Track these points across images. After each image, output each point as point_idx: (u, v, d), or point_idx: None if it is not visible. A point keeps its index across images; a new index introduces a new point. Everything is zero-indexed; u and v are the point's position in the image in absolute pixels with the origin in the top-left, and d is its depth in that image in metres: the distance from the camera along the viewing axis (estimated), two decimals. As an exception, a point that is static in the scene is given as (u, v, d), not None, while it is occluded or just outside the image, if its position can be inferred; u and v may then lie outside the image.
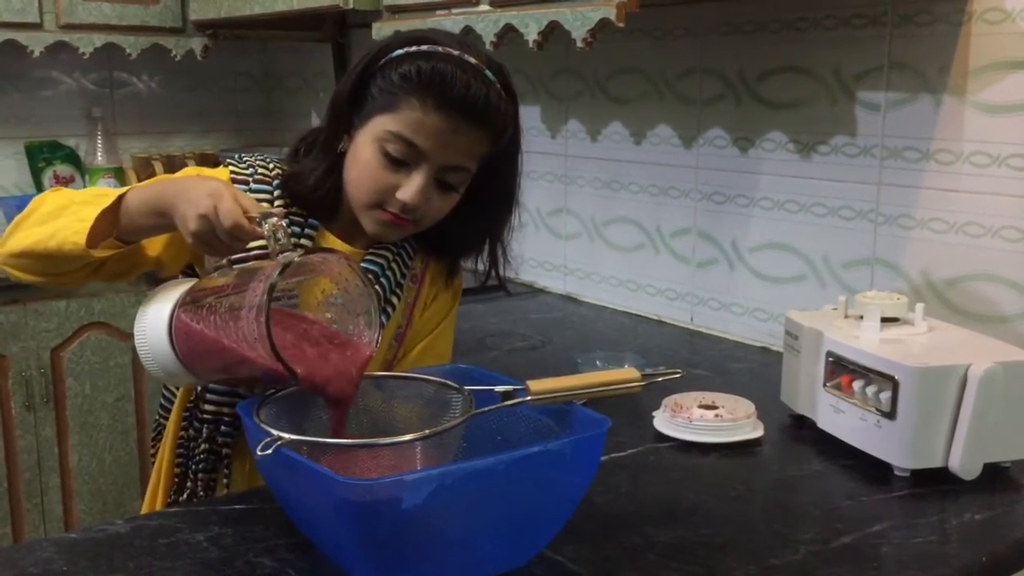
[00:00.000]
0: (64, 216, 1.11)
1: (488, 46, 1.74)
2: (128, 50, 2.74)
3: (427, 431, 0.94)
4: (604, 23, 1.50)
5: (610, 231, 2.10)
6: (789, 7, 1.69)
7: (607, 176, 2.09)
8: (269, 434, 0.87)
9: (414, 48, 1.16)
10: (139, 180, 2.88)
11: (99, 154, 2.90)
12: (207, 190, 1.03)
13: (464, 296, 2.30)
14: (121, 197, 1.10)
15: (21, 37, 2.58)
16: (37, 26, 2.61)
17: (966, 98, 1.48)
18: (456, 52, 1.15)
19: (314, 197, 1.22)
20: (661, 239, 1.98)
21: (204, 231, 1.01)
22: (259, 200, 1.16)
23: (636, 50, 1.98)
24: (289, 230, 1.09)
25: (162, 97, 3.06)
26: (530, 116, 2.26)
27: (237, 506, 1.10)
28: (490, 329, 1.94)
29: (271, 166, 1.24)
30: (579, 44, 1.55)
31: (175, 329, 1.03)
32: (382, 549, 0.86)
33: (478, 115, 1.14)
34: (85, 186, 2.89)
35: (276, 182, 1.22)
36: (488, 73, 1.16)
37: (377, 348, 1.06)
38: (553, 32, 1.63)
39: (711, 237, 1.89)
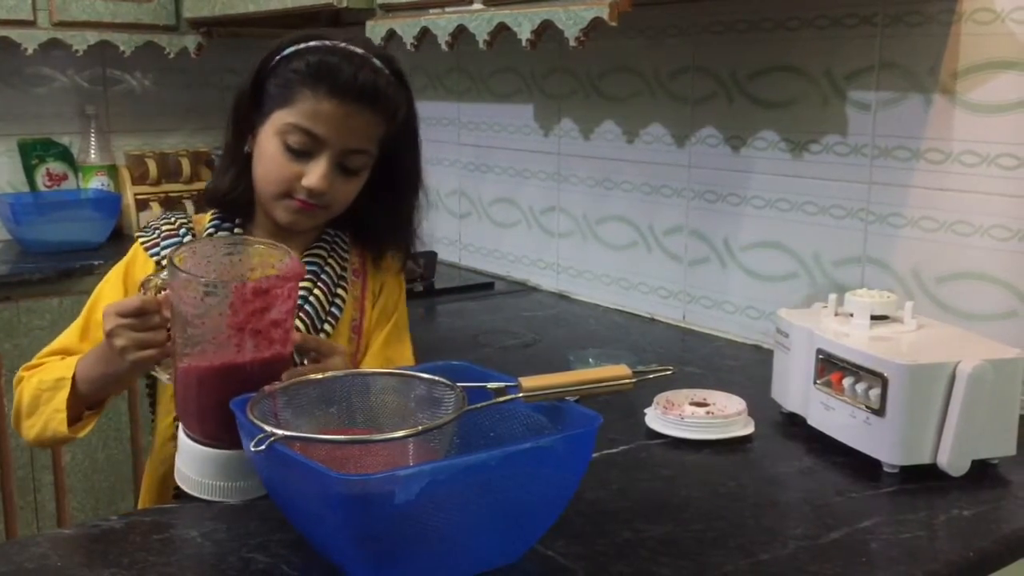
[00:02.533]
0: (41, 409, 1.21)
1: (481, 44, 1.75)
2: (122, 48, 2.73)
3: (420, 427, 0.95)
4: (597, 22, 1.51)
5: (603, 229, 2.10)
6: (781, 7, 1.70)
7: (600, 174, 2.09)
8: (262, 430, 0.88)
9: (303, 44, 1.24)
10: (132, 178, 2.87)
11: (92, 152, 2.90)
12: (104, 331, 1.12)
13: (456, 294, 2.32)
14: (73, 378, 1.19)
15: (14, 34, 2.58)
16: (30, 23, 2.60)
17: (956, 98, 1.49)
18: (342, 45, 1.24)
19: (230, 199, 1.30)
20: (653, 237, 1.99)
21: (131, 344, 1.10)
22: (173, 248, 1.23)
23: (629, 49, 1.98)
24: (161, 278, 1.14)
25: (156, 95, 3.05)
26: (523, 115, 2.26)
27: (231, 502, 1.10)
28: (483, 327, 1.95)
29: (173, 219, 1.32)
30: (572, 43, 1.55)
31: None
32: (375, 544, 0.86)
33: (368, 98, 1.22)
34: (78, 183, 2.89)
35: (182, 231, 1.30)
36: (376, 61, 1.24)
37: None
38: (546, 31, 1.63)
39: (703, 235, 1.89)
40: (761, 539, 1.03)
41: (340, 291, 1.32)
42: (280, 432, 0.88)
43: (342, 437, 0.97)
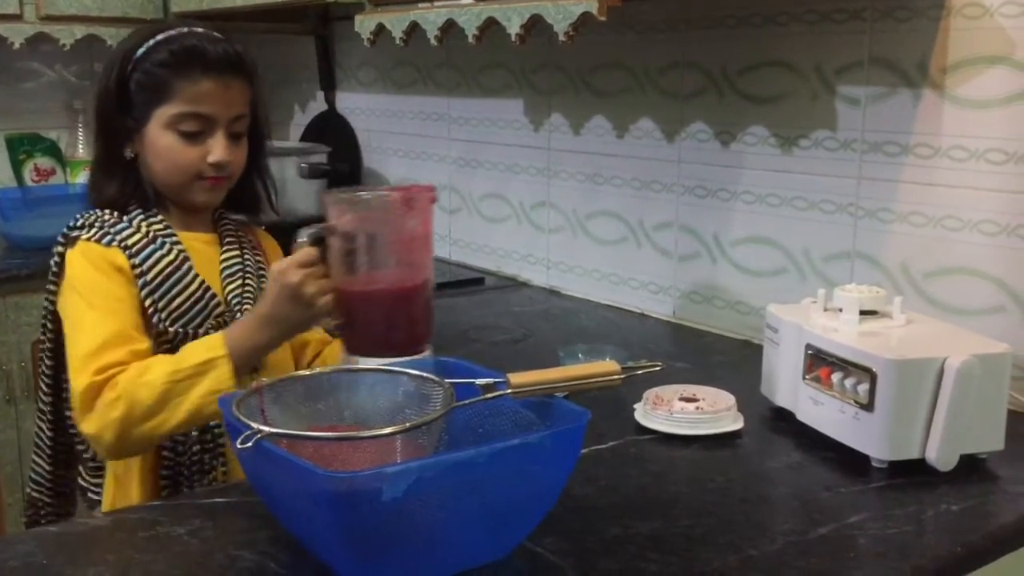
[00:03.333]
0: (177, 400, 1.18)
1: (471, 39, 1.74)
2: (109, 42, 2.72)
3: (408, 424, 0.95)
4: (586, 17, 1.50)
5: (593, 224, 2.10)
6: (770, 2, 1.70)
7: (590, 170, 2.09)
8: (249, 427, 0.87)
9: (152, 41, 1.30)
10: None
11: (80, 146, 2.88)
12: (290, 286, 1.18)
13: (446, 289, 2.31)
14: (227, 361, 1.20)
15: (0, 28, 2.56)
16: (17, 17, 2.59)
17: (945, 93, 1.49)
18: (187, 29, 1.31)
19: (123, 204, 1.34)
20: (644, 232, 1.99)
21: (319, 290, 1.18)
22: (127, 230, 1.30)
23: (618, 44, 1.98)
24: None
25: (144, 89, 3.04)
26: (512, 109, 2.26)
27: (218, 500, 1.10)
28: (472, 322, 1.94)
29: (98, 212, 1.33)
30: (561, 38, 1.55)
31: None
32: (363, 542, 0.86)
33: (235, 66, 1.31)
34: (66, 178, 2.87)
35: (124, 219, 1.32)
36: (216, 34, 1.32)
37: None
38: (535, 26, 1.63)
39: (693, 231, 1.89)
40: (750, 535, 1.03)
41: (262, 271, 1.40)
42: (267, 429, 0.88)
43: (329, 434, 0.97)
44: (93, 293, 1.26)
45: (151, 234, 1.32)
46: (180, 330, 1.29)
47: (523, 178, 2.26)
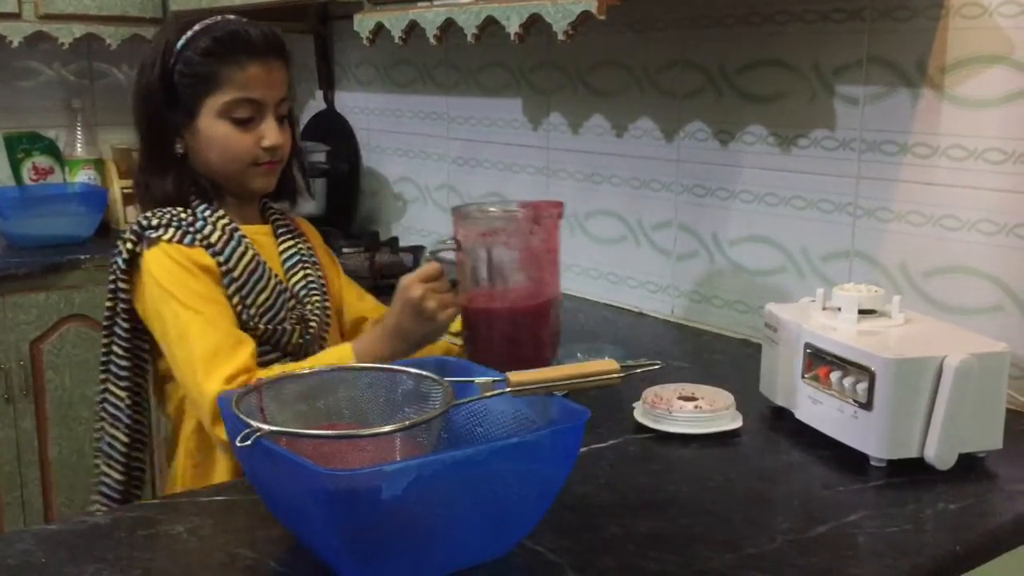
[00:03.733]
0: None
1: (470, 38, 1.74)
2: (108, 40, 2.72)
3: (407, 422, 0.95)
4: (585, 16, 1.50)
5: (591, 223, 2.10)
6: (769, 1, 1.70)
7: (588, 169, 2.09)
8: (248, 425, 0.87)
9: (190, 32, 1.31)
10: (119, 172, 2.85)
11: (79, 145, 2.88)
12: (413, 300, 1.23)
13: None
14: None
15: (-1, 27, 2.56)
16: (15, 16, 2.59)
17: (944, 92, 1.49)
18: (220, 17, 1.33)
19: (183, 200, 1.33)
20: (642, 231, 1.99)
21: (440, 304, 1.23)
22: (208, 227, 1.30)
23: (617, 43, 1.98)
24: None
25: (142, 88, 3.04)
26: (511, 109, 2.26)
27: (217, 498, 1.10)
28: (472, 321, 1.94)
29: (171, 210, 1.33)
30: (560, 37, 1.55)
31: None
32: (362, 540, 0.86)
33: (276, 49, 1.34)
34: (64, 177, 2.87)
35: (192, 217, 1.32)
36: (253, 22, 1.34)
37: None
38: (534, 25, 1.63)
39: (692, 230, 1.89)
40: (748, 533, 1.03)
41: (315, 259, 1.44)
42: (266, 427, 0.88)
43: (328, 432, 0.97)
44: (189, 296, 1.26)
45: (226, 230, 1.32)
46: (268, 327, 1.30)
47: (522, 177, 2.26)
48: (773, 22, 1.70)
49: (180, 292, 1.26)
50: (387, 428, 0.94)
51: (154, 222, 1.31)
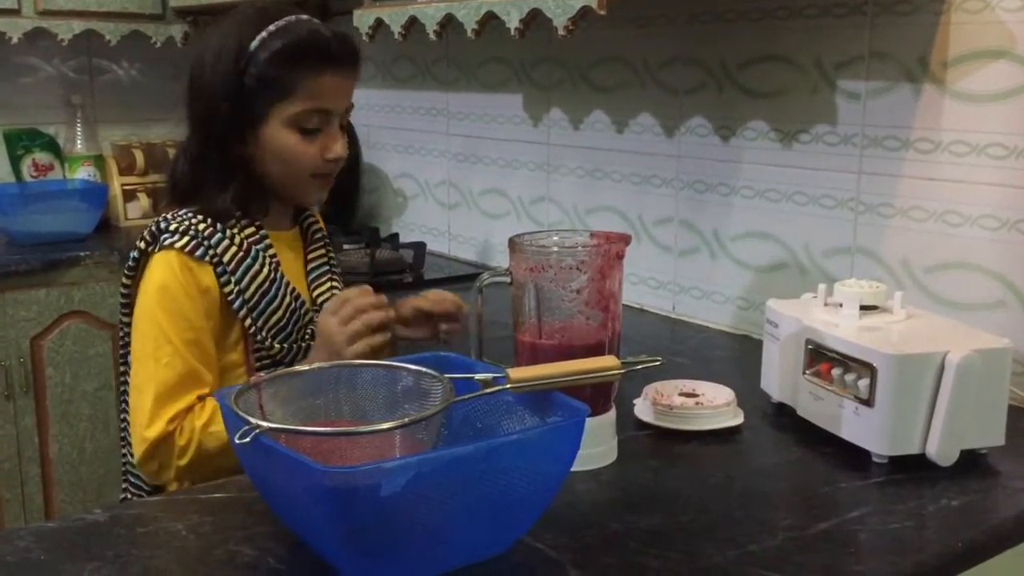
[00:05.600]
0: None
1: (470, 33, 1.73)
2: (107, 37, 2.71)
3: (406, 419, 0.94)
4: (585, 11, 1.50)
5: (592, 220, 2.10)
6: (771, -4, 1.70)
7: (589, 165, 2.08)
8: (247, 422, 0.87)
9: (264, 33, 1.23)
10: (119, 168, 2.85)
11: (79, 142, 2.88)
12: (331, 328, 1.22)
13: (445, 285, 2.30)
14: None
15: (-2, 23, 2.56)
16: (15, 12, 2.58)
17: (946, 87, 1.48)
18: (294, 16, 1.25)
19: (234, 209, 1.28)
20: (643, 227, 1.99)
21: (360, 330, 1.22)
22: (223, 243, 1.26)
23: (618, 38, 1.97)
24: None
25: (142, 84, 3.03)
26: (512, 104, 2.25)
27: (216, 495, 1.10)
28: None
29: (192, 216, 1.28)
30: (560, 32, 1.54)
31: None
32: (361, 536, 0.86)
33: (350, 56, 1.28)
34: (64, 173, 2.87)
35: (224, 230, 1.28)
36: (325, 24, 1.28)
37: None
38: (535, 20, 1.62)
39: (693, 226, 1.89)
40: (750, 530, 1.02)
41: (340, 269, 1.44)
42: (265, 424, 0.87)
43: (328, 429, 0.96)
44: (173, 318, 1.23)
45: (245, 245, 1.28)
46: (283, 345, 1.29)
47: (522, 173, 2.25)
48: (774, 17, 1.70)
49: (167, 312, 1.23)
50: (386, 425, 0.93)
51: (172, 227, 1.27)
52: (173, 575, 0.94)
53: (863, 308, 1.27)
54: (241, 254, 1.27)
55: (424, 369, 1.03)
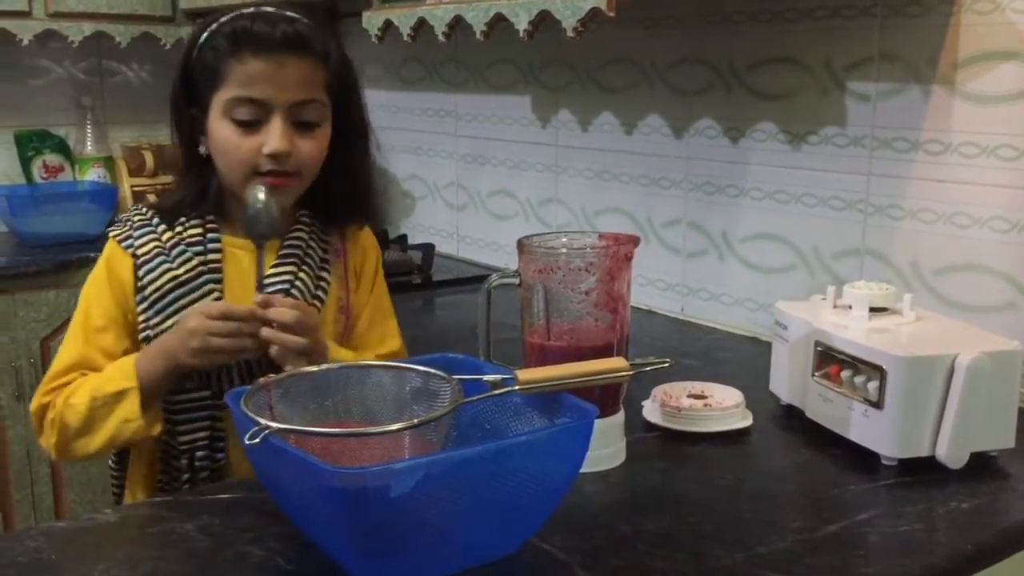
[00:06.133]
0: (100, 425, 1.19)
1: (479, 35, 1.74)
2: (118, 39, 2.72)
3: (415, 420, 0.94)
4: (595, 12, 1.50)
5: (601, 221, 2.10)
6: (780, -3, 1.69)
7: (598, 166, 2.08)
8: (257, 423, 0.87)
9: (215, 25, 1.21)
10: (129, 169, 2.86)
11: (89, 143, 2.89)
12: (185, 330, 1.16)
13: (453, 286, 2.30)
14: (136, 384, 1.18)
15: (9, 25, 2.57)
16: (26, 14, 2.60)
17: (955, 88, 1.48)
18: (252, 10, 1.21)
19: (181, 205, 1.27)
20: (652, 229, 1.98)
21: (202, 348, 1.15)
22: (147, 236, 1.25)
23: (627, 40, 1.97)
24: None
25: (152, 86, 3.05)
26: (520, 106, 2.25)
27: (225, 496, 1.10)
28: (480, 319, 1.94)
29: (144, 210, 1.29)
30: (569, 34, 1.55)
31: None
32: (370, 537, 0.86)
33: (293, 45, 1.18)
34: (75, 175, 2.88)
35: (155, 220, 1.27)
36: (290, 14, 1.21)
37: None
38: (543, 21, 1.63)
39: (701, 227, 1.89)
40: (759, 532, 1.02)
41: (324, 273, 1.30)
42: (275, 425, 0.87)
43: (337, 430, 0.97)
44: (90, 304, 1.26)
45: (173, 240, 1.25)
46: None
47: (531, 175, 2.26)
48: (783, 19, 1.70)
49: (86, 296, 1.27)
50: (396, 426, 0.93)
51: (123, 217, 1.31)
52: None
53: (872, 310, 1.27)
54: (159, 250, 1.24)
55: (433, 370, 1.03)
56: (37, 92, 2.88)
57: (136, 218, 1.28)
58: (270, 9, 1.22)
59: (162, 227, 1.26)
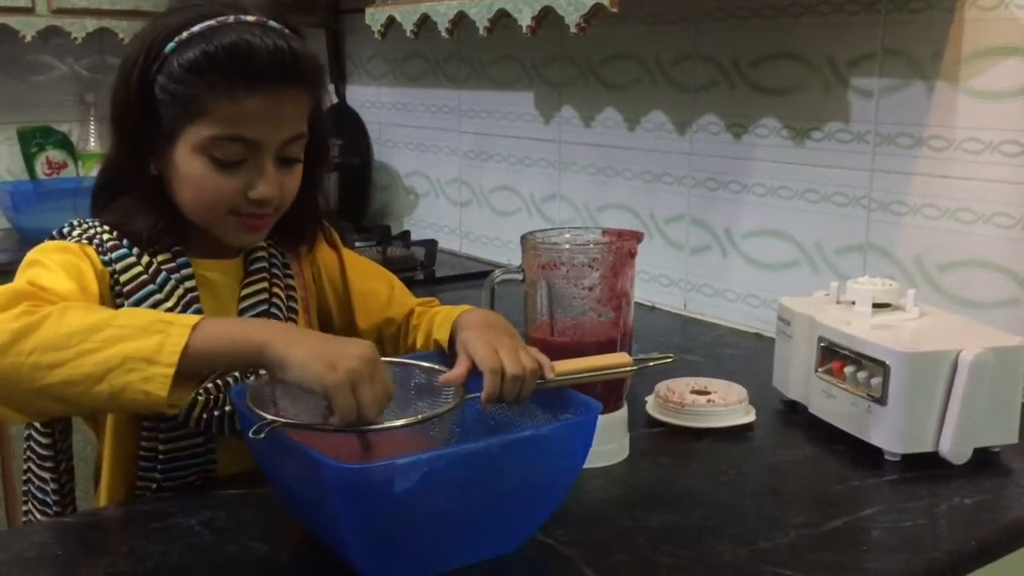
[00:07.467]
0: (110, 347, 0.85)
1: (482, 31, 1.74)
2: (121, 35, 2.72)
3: (419, 416, 0.95)
4: (597, 8, 1.50)
5: (604, 217, 2.10)
6: (783, -7, 1.69)
7: (601, 162, 2.08)
8: (261, 418, 0.87)
9: (185, 34, 1.00)
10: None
11: (92, 140, 2.89)
12: (352, 353, 0.88)
13: (456, 282, 2.30)
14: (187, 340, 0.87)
15: (12, 21, 2.57)
16: (29, 10, 2.59)
17: (959, 84, 1.48)
18: (232, 17, 1.01)
19: (154, 235, 1.08)
20: (655, 225, 1.98)
21: (350, 382, 0.87)
22: (125, 259, 1.07)
23: (630, 36, 1.97)
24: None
25: (155, 82, 3.04)
26: (523, 102, 2.25)
27: (230, 490, 1.10)
28: (484, 315, 1.94)
29: (106, 227, 1.10)
30: (572, 29, 1.54)
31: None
32: (374, 533, 0.86)
33: (293, 74, 1.01)
34: (78, 171, 2.88)
35: (124, 241, 1.09)
36: (273, 24, 1.03)
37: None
38: (546, 17, 1.63)
39: (704, 223, 1.89)
40: (762, 527, 1.02)
41: (290, 281, 1.20)
42: (279, 420, 0.88)
43: (341, 426, 0.97)
44: (61, 267, 1.02)
45: (153, 268, 1.08)
46: None
47: (534, 171, 2.26)
48: (787, 14, 1.69)
49: (53, 264, 1.02)
50: (399, 422, 0.93)
51: (75, 231, 1.10)
52: (187, 570, 0.94)
53: (876, 306, 1.27)
54: (145, 278, 1.07)
55: (437, 366, 1.03)
56: (40, 88, 2.88)
57: (106, 238, 1.10)
58: (251, 18, 1.03)
59: (136, 249, 1.09)
